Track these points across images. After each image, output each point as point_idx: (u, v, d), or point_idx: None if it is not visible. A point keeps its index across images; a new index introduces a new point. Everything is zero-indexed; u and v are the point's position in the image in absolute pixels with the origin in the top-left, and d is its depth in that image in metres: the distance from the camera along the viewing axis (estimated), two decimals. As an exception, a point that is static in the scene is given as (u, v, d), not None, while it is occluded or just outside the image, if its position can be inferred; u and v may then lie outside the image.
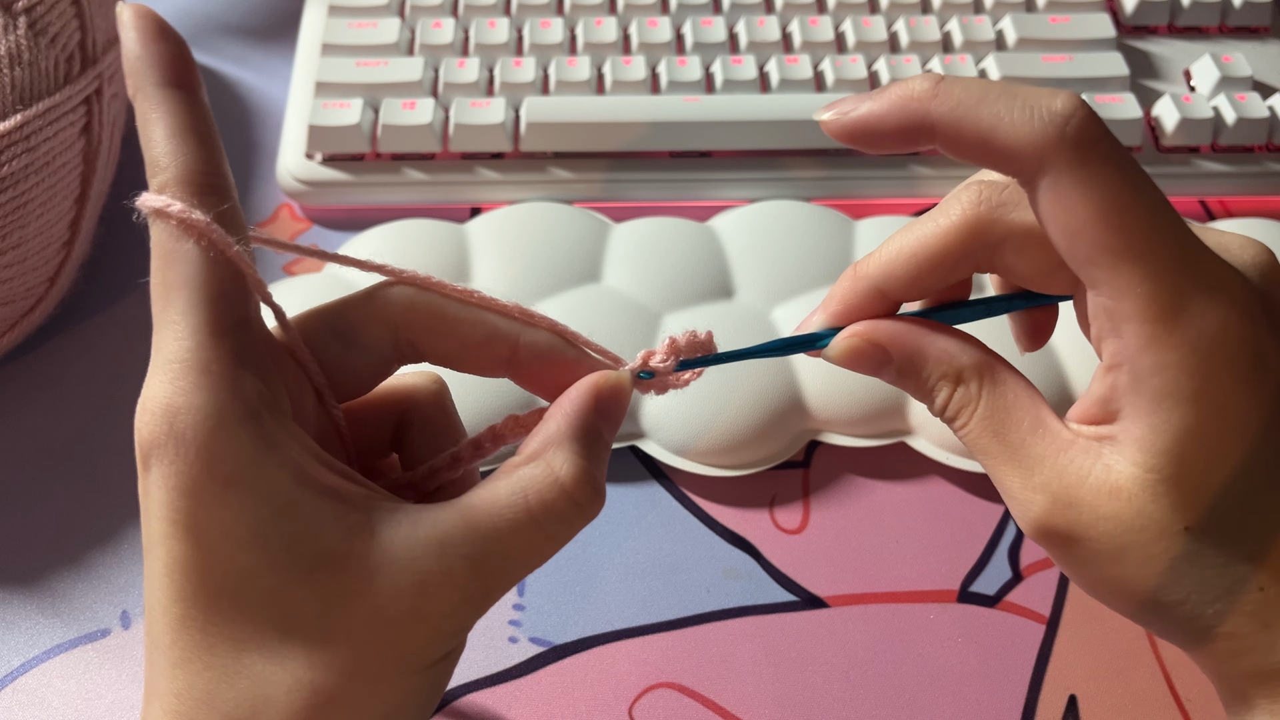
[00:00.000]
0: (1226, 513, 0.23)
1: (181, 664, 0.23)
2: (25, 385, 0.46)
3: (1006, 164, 0.24)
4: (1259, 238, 0.47)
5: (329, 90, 0.51)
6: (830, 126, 0.25)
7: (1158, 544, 0.24)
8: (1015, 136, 0.23)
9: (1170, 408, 0.23)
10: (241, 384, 0.23)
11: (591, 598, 0.41)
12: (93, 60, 0.45)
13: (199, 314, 0.23)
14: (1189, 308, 0.23)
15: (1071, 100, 0.23)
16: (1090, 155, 0.23)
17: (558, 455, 0.24)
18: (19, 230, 0.41)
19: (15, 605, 0.40)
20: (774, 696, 0.39)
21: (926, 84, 0.24)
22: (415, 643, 0.23)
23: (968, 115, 0.23)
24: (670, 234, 0.48)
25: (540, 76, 0.52)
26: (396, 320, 0.26)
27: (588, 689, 0.39)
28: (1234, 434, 0.23)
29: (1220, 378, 0.23)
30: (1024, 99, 0.23)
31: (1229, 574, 0.24)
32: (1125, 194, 0.23)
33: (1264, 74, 0.53)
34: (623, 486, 0.43)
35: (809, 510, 0.43)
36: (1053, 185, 0.23)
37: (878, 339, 0.26)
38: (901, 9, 0.54)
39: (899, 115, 0.24)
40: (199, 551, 0.23)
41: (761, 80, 0.52)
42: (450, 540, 0.23)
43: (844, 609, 0.41)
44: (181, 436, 0.22)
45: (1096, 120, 0.23)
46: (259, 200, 0.52)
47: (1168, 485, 0.23)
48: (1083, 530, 0.24)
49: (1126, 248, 0.23)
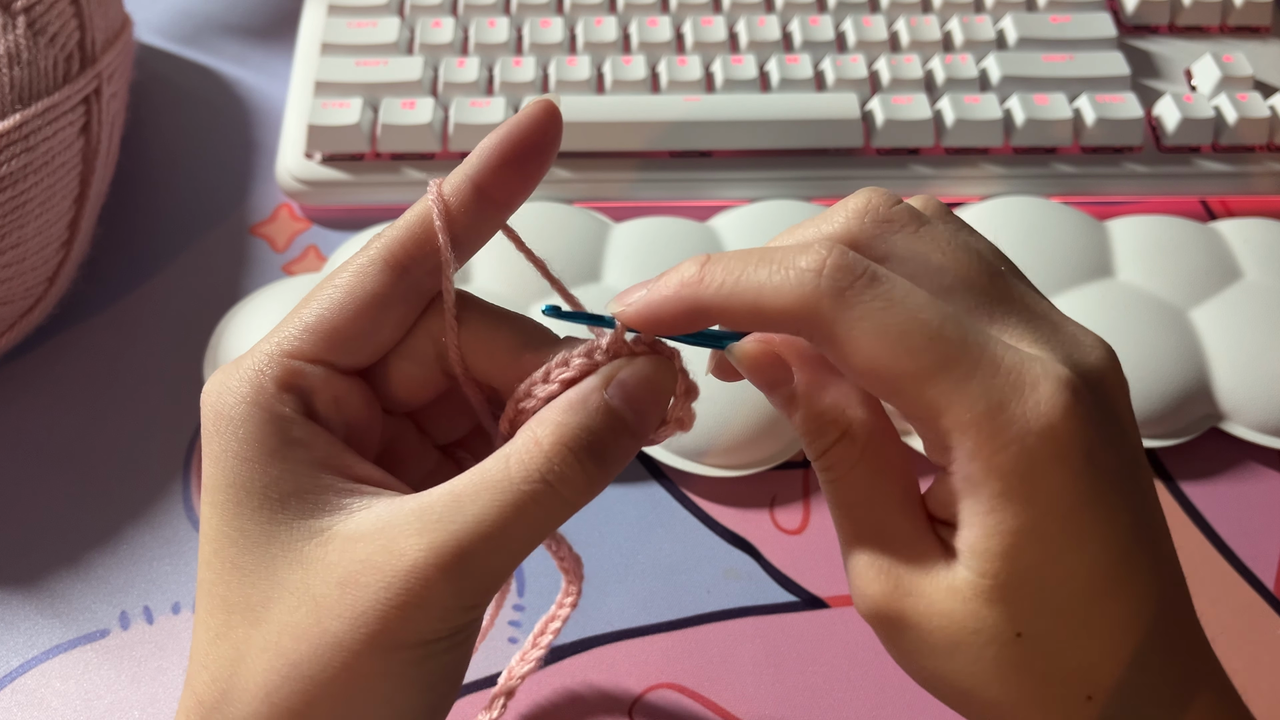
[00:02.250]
0: (1060, 618, 0.23)
1: (196, 626, 0.25)
2: (24, 385, 0.46)
3: (782, 327, 0.24)
4: (1259, 238, 0.48)
5: (328, 90, 0.51)
6: (622, 316, 0.25)
7: (989, 648, 0.24)
8: (779, 302, 0.23)
9: (1003, 509, 0.23)
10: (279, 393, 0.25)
11: (592, 598, 0.41)
12: (92, 60, 0.45)
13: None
14: (1007, 410, 0.23)
15: (818, 252, 0.23)
16: (849, 298, 0.23)
17: (543, 422, 0.24)
18: (18, 230, 0.41)
19: (14, 605, 0.40)
20: (774, 697, 0.39)
21: (693, 269, 0.24)
22: (383, 612, 0.23)
23: (733, 293, 0.24)
24: (670, 234, 0.48)
25: (540, 76, 0.51)
26: (441, 332, 0.26)
27: (588, 689, 0.39)
28: (1069, 534, 0.23)
29: (1051, 476, 0.23)
30: (779, 263, 0.23)
31: (1057, 682, 0.24)
32: (899, 320, 0.23)
33: (1265, 73, 0.53)
34: (623, 487, 0.43)
35: (809, 510, 0.43)
36: (829, 336, 0.23)
37: (786, 355, 0.26)
38: (902, 8, 0.54)
39: (675, 305, 0.24)
40: (215, 516, 0.25)
41: (762, 80, 0.52)
42: (430, 508, 0.24)
43: (844, 609, 0.41)
44: (221, 414, 0.25)
45: (848, 263, 0.23)
46: (258, 200, 0.52)
47: (1002, 591, 0.23)
48: (917, 620, 0.24)
49: (921, 369, 0.23)
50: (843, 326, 0.23)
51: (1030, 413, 0.23)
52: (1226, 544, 0.42)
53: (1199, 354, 0.44)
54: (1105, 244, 0.48)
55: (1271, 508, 0.43)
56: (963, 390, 0.23)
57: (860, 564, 0.25)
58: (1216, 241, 0.48)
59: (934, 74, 0.52)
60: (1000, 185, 0.51)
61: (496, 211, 0.26)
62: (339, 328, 0.25)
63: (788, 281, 0.23)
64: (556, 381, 0.26)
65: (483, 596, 0.24)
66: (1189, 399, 0.43)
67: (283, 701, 0.24)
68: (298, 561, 0.24)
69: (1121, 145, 0.51)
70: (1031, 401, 0.23)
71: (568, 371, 0.26)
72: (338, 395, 0.26)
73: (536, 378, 0.26)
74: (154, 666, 0.39)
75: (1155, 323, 0.45)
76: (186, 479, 0.43)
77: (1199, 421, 0.44)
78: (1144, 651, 0.24)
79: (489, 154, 0.26)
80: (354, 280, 0.26)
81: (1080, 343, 0.25)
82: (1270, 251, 0.47)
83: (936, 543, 0.25)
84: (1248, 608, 0.41)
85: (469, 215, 0.26)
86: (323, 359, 0.25)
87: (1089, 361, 0.24)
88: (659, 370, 0.26)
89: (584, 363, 0.26)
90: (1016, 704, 0.24)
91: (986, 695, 0.24)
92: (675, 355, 0.27)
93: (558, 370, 0.26)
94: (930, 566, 0.24)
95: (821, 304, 0.23)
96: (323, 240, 0.50)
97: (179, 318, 0.48)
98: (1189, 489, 0.44)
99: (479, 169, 0.26)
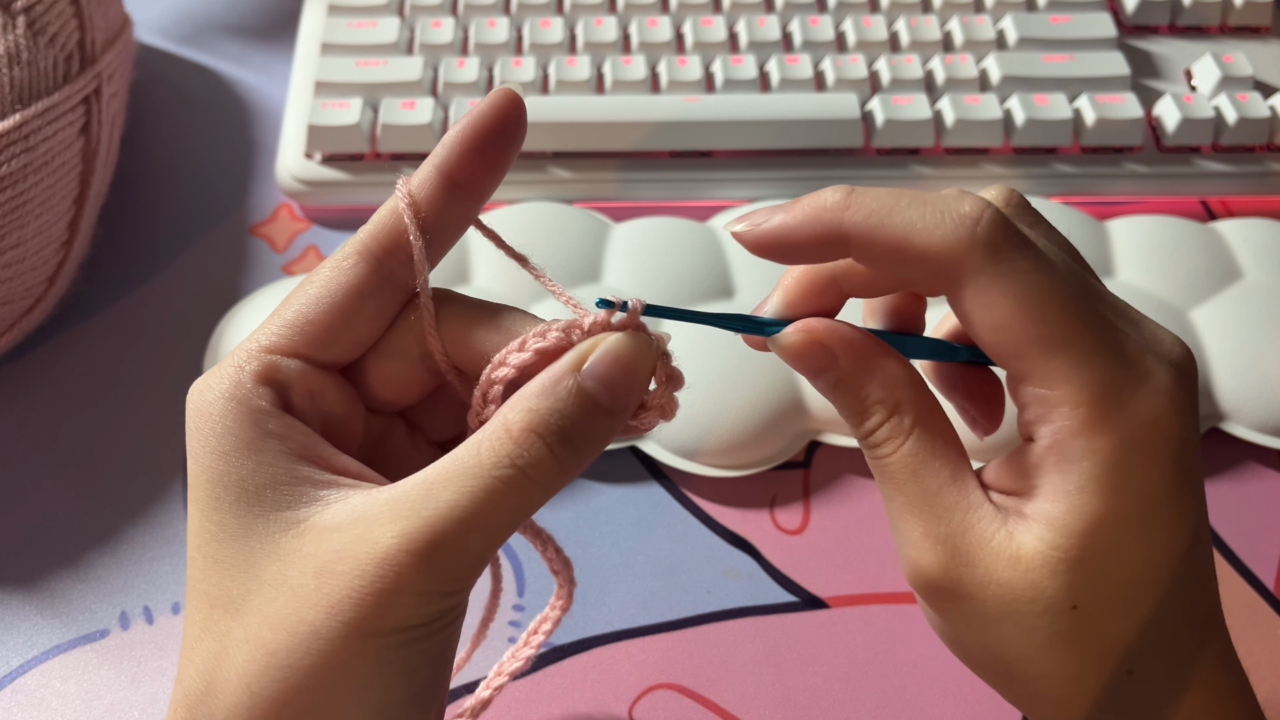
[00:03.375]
0: (1117, 597, 0.24)
1: (184, 622, 0.26)
2: (24, 385, 0.45)
3: (923, 269, 0.24)
4: (1259, 238, 0.48)
5: (328, 90, 0.51)
6: (744, 238, 0.25)
7: (1042, 618, 0.24)
8: (929, 242, 0.24)
9: (1093, 492, 0.24)
10: (256, 387, 0.25)
11: (591, 598, 0.41)
12: (91, 60, 0.45)
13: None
14: (1121, 395, 0.23)
15: (979, 202, 0.24)
16: (1003, 253, 0.23)
17: (514, 407, 0.24)
18: (18, 230, 0.41)
19: (14, 606, 0.40)
20: (774, 697, 0.38)
21: (838, 195, 0.24)
22: (358, 600, 0.23)
23: (881, 225, 0.24)
24: (670, 234, 0.48)
25: (540, 76, 0.51)
26: (420, 328, 0.27)
27: (588, 689, 0.39)
28: (1148, 524, 0.24)
29: (1146, 468, 0.24)
30: (934, 205, 0.24)
31: (1104, 656, 0.24)
32: (1042, 286, 0.23)
33: (1265, 73, 0.53)
34: (623, 487, 0.43)
35: (809, 510, 0.43)
36: (971, 285, 0.24)
37: (829, 343, 0.26)
38: (902, 8, 0.54)
39: (812, 227, 0.25)
40: (196, 512, 0.25)
41: (762, 80, 0.52)
42: (404, 496, 0.24)
43: (844, 609, 0.41)
44: (200, 411, 0.25)
45: (1005, 219, 0.24)
46: (258, 200, 0.52)
47: (1069, 565, 0.24)
48: (971, 590, 0.25)
49: (1051, 338, 0.23)
50: (988, 280, 0.23)
51: (1142, 403, 0.23)
52: (1226, 544, 0.42)
53: (1199, 354, 0.44)
54: (1105, 244, 0.48)
55: (1271, 508, 0.43)
56: (1085, 367, 0.23)
57: (914, 536, 0.26)
58: (1216, 241, 0.48)
59: (934, 74, 0.52)
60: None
61: (466, 199, 0.26)
62: (316, 321, 0.26)
63: (942, 224, 0.23)
64: (531, 350, 0.25)
65: (459, 583, 0.24)
66: (1189, 399, 0.43)
67: (263, 691, 0.24)
68: (275, 553, 0.24)
69: (1121, 145, 0.51)
70: (1144, 391, 0.24)
71: (543, 342, 0.25)
72: (314, 389, 0.26)
73: (512, 347, 0.26)
74: (154, 666, 0.39)
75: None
76: (186, 479, 0.43)
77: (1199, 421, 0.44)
78: (1182, 636, 0.25)
79: (454, 144, 0.26)
80: (330, 275, 0.26)
81: (1162, 341, 0.26)
82: (1270, 251, 0.47)
83: (994, 512, 0.25)
84: (1248, 608, 0.41)
85: (438, 205, 0.26)
86: (300, 353, 0.26)
87: (1174, 358, 0.25)
88: (634, 347, 0.25)
89: (561, 337, 0.25)
90: (1059, 674, 0.25)
91: (1032, 666, 0.25)
92: (656, 336, 0.26)
93: (534, 340, 0.25)
94: (988, 538, 0.25)
95: (974, 252, 0.23)
96: (323, 240, 0.50)
97: (179, 318, 0.48)
98: (1189, 489, 0.44)
99: (445, 159, 0.26)
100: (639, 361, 0.25)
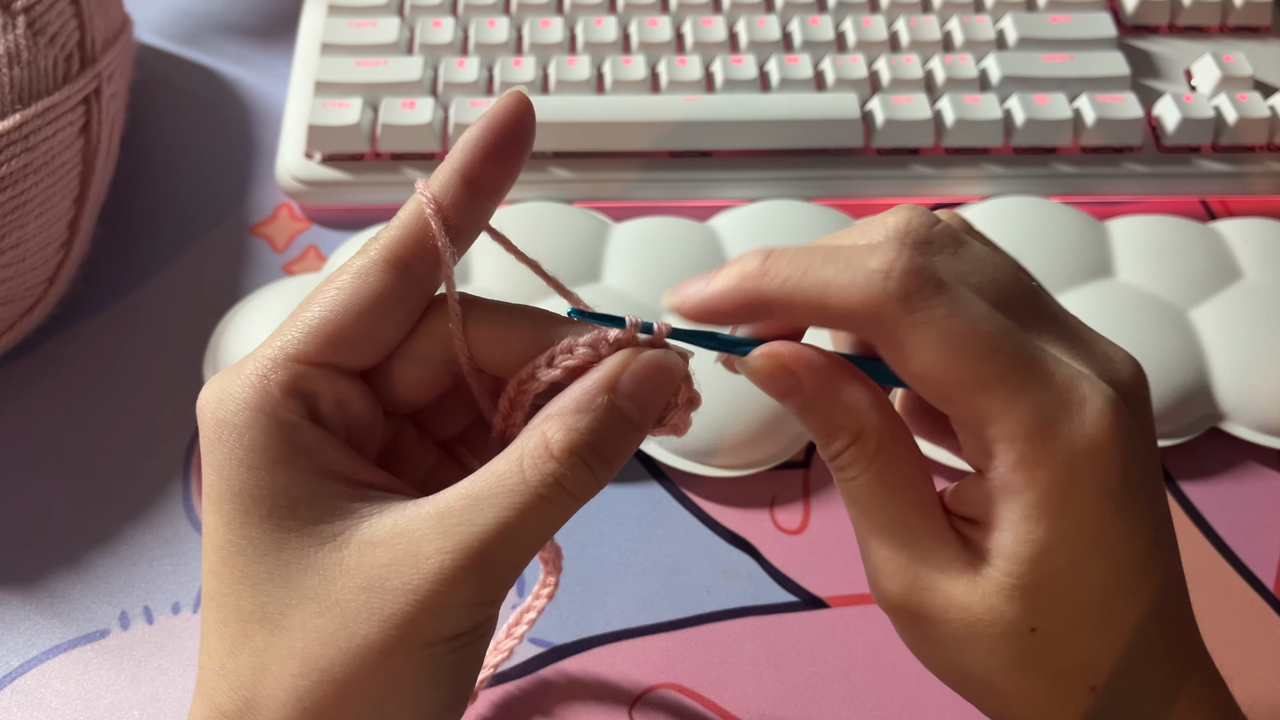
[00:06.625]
0: (1073, 616, 0.24)
1: (206, 637, 0.25)
2: (24, 385, 0.46)
3: (844, 326, 0.24)
4: (1259, 238, 0.48)
5: (328, 90, 0.51)
6: (679, 311, 0.26)
7: (1002, 641, 0.25)
8: (845, 301, 0.24)
9: (1036, 520, 0.24)
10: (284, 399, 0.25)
11: (592, 598, 0.41)
12: (91, 60, 0.45)
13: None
14: (1055, 425, 0.24)
15: (888, 253, 0.24)
16: (916, 303, 0.23)
17: (553, 423, 0.25)
18: (18, 230, 0.41)
19: (14, 605, 0.40)
20: (775, 697, 0.39)
21: (755, 262, 0.25)
22: (412, 614, 0.24)
23: (797, 289, 0.24)
24: (670, 234, 0.48)
25: (540, 76, 0.51)
26: (445, 334, 0.27)
27: (588, 689, 0.39)
28: (1096, 543, 0.24)
29: (1088, 491, 0.24)
30: (845, 261, 0.24)
31: (1064, 674, 0.25)
32: (961, 330, 0.23)
33: (1265, 73, 0.53)
34: (623, 486, 0.43)
35: (809, 510, 0.43)
36: (890, 338, 0.24)
37: (794, 367, 0.26)
38: (902, 8, 0.54)
39: (735, 296, 0.25)
40: (220, 526, 0.25)
41: (762, 80, 0.52)
42: (449, 511, 0.24)
43: (844, 609, 0.41)
44: (223, 421, 0.25)
45: (917, 266, 0.24)
46: (258, 200, 0.52)
47: (1023, 590, 0.24)
48: (935, 613, 0.25)
49: (977, 379, 0.24)
50: (905, 330, 0.24)
51: (1076, 432, 0.24)
52: (1226, 544, 0.42)
53: (1199, 354, 0.44)
54: (1105, 244, 0.48)
55: (1271, 508, 0.43)
56: (1015, 403, 0.24)
57: (878, 560, 0.26)
58: (1216, 241, 0.48)
59: (934, 74, 0.52)
60: (1000, 185, 0.51)
61: (485, 201, 0.26)
62: (344, 329, 0.25)
63: (855, 281, 0.24)
64: (560, 368, 0.26)
65: (501, 591, 0.25)
66: (1189, 399, 0.43)
67: (315, 705, 0.24)
68: (313, 568, 0.24)
69: (1121, 145, 0.51)
70: (1078, 420, 0.24)
71: (571, 359, 0.26)
72: (341, 398, 0.26)
73: (540, 361, 0.26)
74: (154, 666, 0.39)
75: (1155, 323, 0.45)
76: (186, 479, 0.43)
77: (1199, 421, 0.44)
78: (1145, 647, 0.25)
79: (472, 146, 0.26)
80: (356, 281, 0.26)
81: (1112, 359, 0.26)
82: (1270, 251, 0.47)
83: (954, 539, 0.25)
84: (1248, 608, 0.41)
85: (461, 207, 0.26)
86: (327, 361, 0.25)
87: (1122, 378, 0.25)
88: (667, 369, 0.26)
89: (588, 353, 0.26)
90: (1025, 693, 0.25)
91: (997, 685, 0.25)
92: (686, 354, 0.27)
93: (562, 356, 0.26)
94: (948, 563, 0.25)
95: (888, 306, 0.23)
96: (323, 240, 0.50)
97: (179, 318, 0.48)
98: (1189, 489, 0.44)
99: (465, 161, 0.26)
100: (669, 384, 0.26)
